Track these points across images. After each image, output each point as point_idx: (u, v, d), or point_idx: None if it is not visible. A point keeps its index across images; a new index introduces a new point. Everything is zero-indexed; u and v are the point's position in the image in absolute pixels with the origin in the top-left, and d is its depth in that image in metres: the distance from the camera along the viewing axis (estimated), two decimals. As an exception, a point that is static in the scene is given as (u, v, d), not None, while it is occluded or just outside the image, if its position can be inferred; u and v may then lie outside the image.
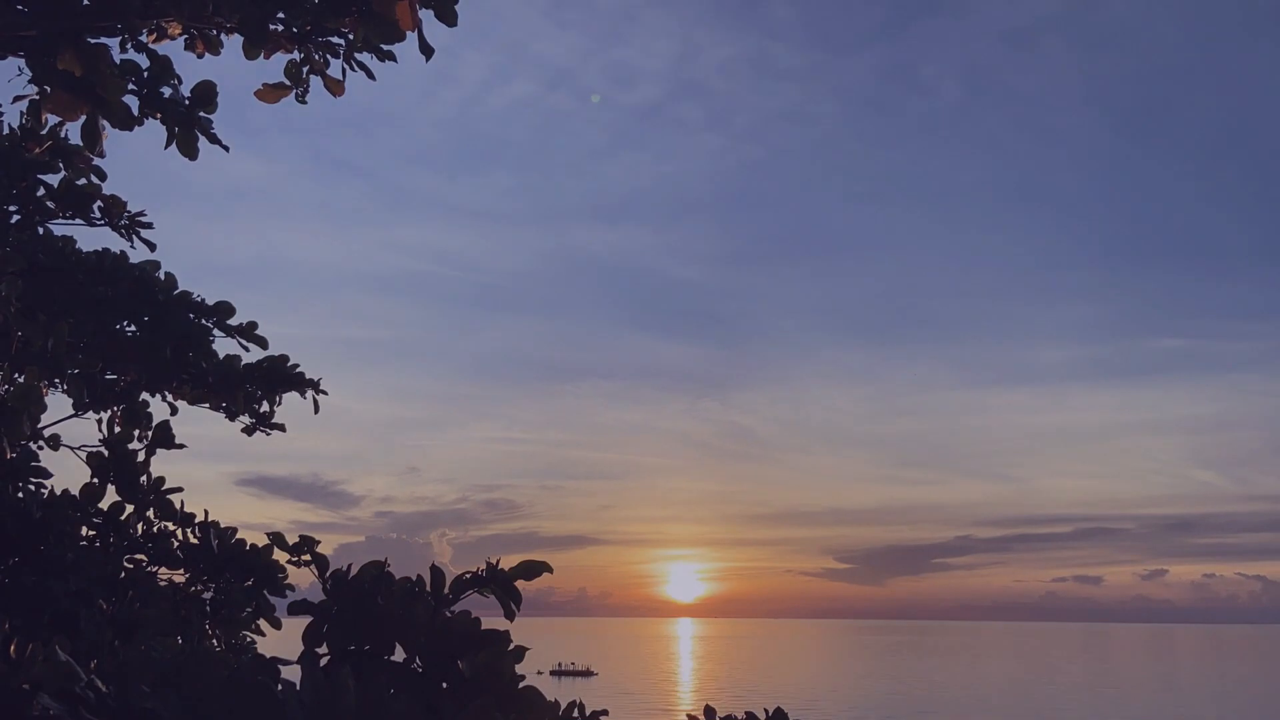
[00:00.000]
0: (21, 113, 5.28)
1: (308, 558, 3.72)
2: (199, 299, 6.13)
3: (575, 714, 3.25)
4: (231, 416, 6.22)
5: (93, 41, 3.66)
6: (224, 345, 6.17)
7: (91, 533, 5.26)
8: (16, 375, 5.68)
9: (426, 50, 3.80)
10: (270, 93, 4.04)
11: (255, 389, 6.21)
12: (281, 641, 4.42)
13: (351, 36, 3.85)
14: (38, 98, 3.79)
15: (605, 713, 3.32)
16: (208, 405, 6.20)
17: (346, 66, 3.95)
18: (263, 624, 5.55)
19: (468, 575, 3.37)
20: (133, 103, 3.87)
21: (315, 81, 4.00)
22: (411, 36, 3.76)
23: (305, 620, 3.23)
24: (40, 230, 5.72)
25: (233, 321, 6.16)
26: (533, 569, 3.37)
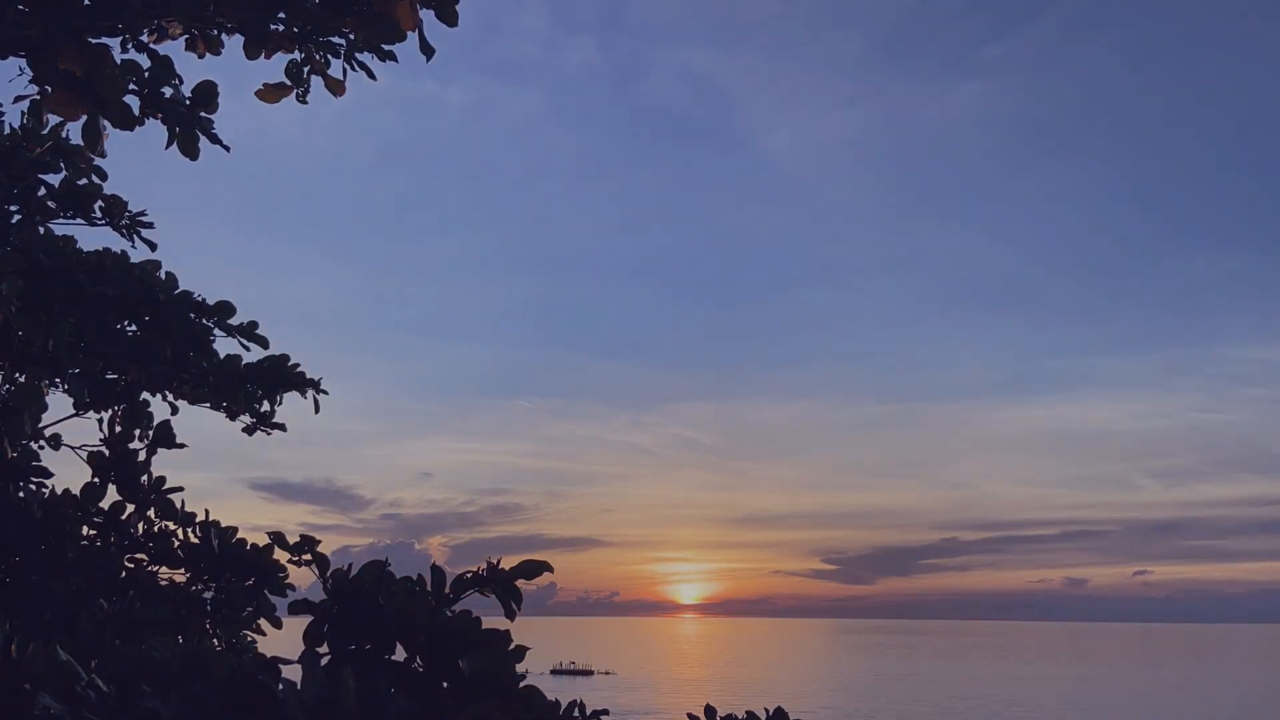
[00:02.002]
0: (23, 112, 5.29)
1: (308, 557, 3.72)
2: (200, 299, 6.12)
3: (575, 714, 3.25)
4: (232, 416, 6.22)
5: (94, 41, 3.65)
6: (225, 345, 6.17)
7: (92, 532, 5.26)
8: (17, 375, 5.68)
9: (427, 50, 3.80)
10: (271, 93, 4.04)
11: (256, 389, 6.20)
12: (282, 641, 4.42)
13: (352, 36, 3.85)
14: (39, 98, 3.79)
15: (606, 712, 3.32)
16: (208, 405, 6.19)
17: (347, 66, 3.95)
18: (263, 623, 5.55)
19: (468, 575, 3.37)
20: (133, 103, 3.86)
21: (316, 81, 4.00)
22: (412, 36, 3.76)
23: (306, 620, 3.23)
24: (41, 230, 5.72)
25: (233, 321, 6.15)
26: (533, 568, 3.37)
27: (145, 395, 5.96)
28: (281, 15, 3.74)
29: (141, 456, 5.54)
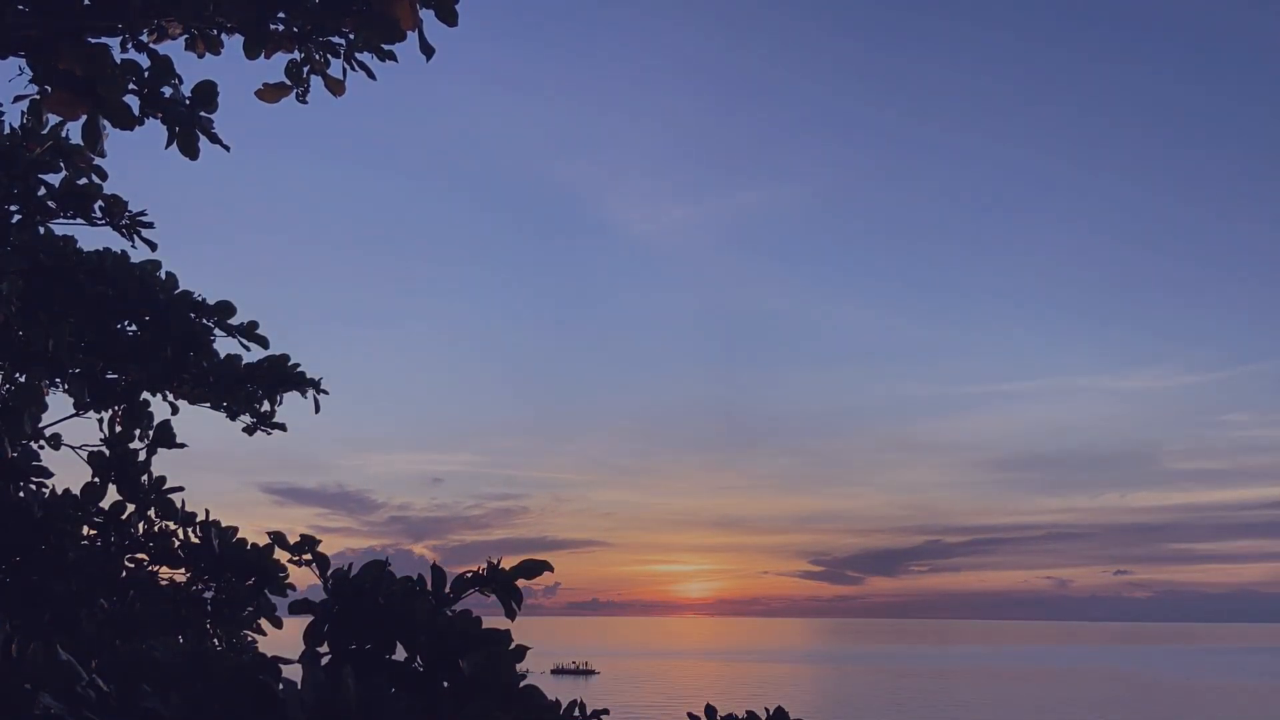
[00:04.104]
0: (22, 112, 5.28)
1: (308, 557, 3.72)
2: (200, 299, 6.12)
3: (576, 713, 3.25)
4: (232, 416, 6.22)
5: (93, 41, 3.65)
6: (225, 345, 6.17)
7: (92, 532, 5.26)
8: (18, 375, 5.68)
9: (427, 50, 3.80)
10: (271, 92, 4.04)
11: (256, 388, 6.20)
12: (282, 641, 4.42)
13: (352, 36, 3.85)
14: (39, 97, 3.79)
15: (606, 712, 3.32)
16: (208, 405, 6.19)
17: (347, 66, 3.95)
18: (264, 623, 5.54)
19: (468, 575, 3.38)
20: (133, 102, 3.86)
21: (315, 81, 4.00)
22: (412, 35, 3.76)
23: (306, 619, 3.23)
24: (41, 230, 5.72)
25: (233, 321, 6.14)
26: (533, 568, 3.37)
27: (145, 395, 5.96)
28: (281, 15, 3.74)
29: (142, 456, 5.53)
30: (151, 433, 5.77)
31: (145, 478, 5.43)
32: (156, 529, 5.39)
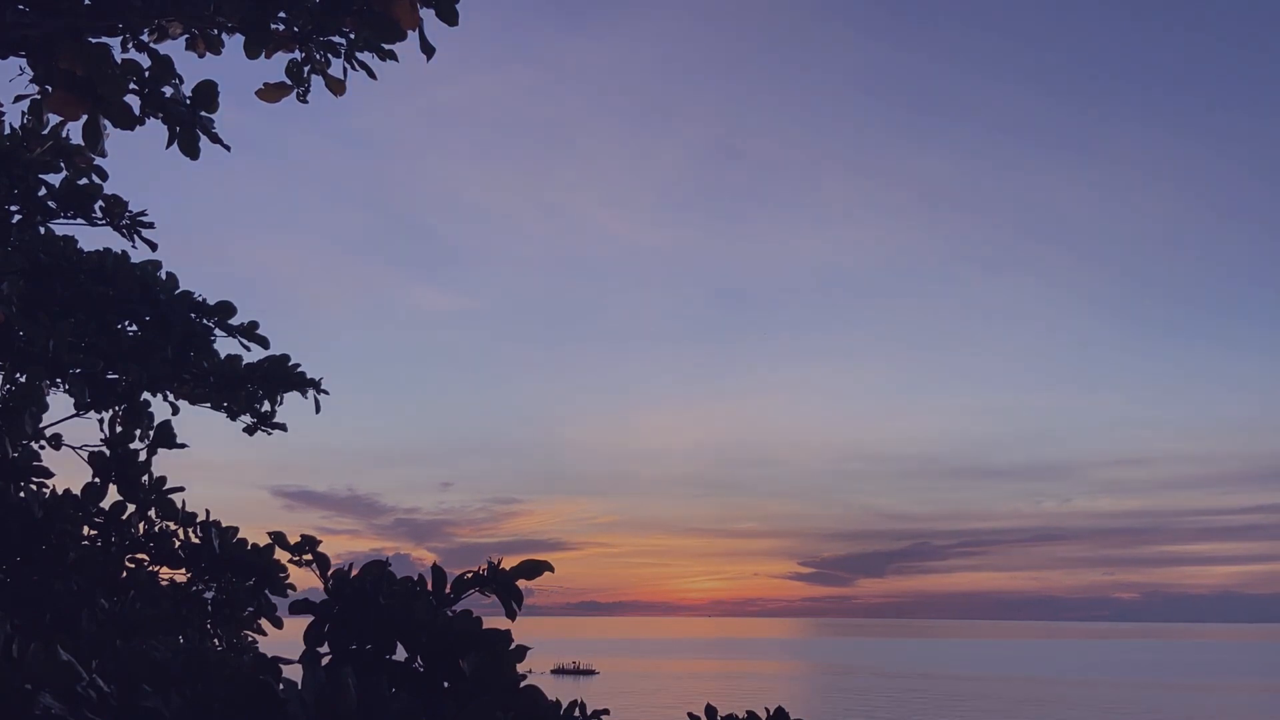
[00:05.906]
0: (23, 112, 5.28)
1: (309, 557, 3.72)
2: (200, 299, 6.12)
3: (576, 713, 3.25)
4: (233, 416, 6.21)
5: (94, 41, 3.65)
6: (225, 345, 6.17)
7: (93, 532, 5.25)
8: (18, 375, 5.68)
9: (427, 50, 3.80)
10: (271, 92, 4.04)
11: (256, 389, 6.19)
12: (283, 641, 4.42)
13: (353, 36, 3.85)
14: (39, 97, 3.79)
15: (606, 712, 3.32)
16: (209, 405, 6.19)
17: (348, 66, 3.95)
18: (264, 623, 5.54)
19: (469, 575, 3.38)
20: (134, 102, 3.86)
21: (316, 81, 4.00)
22: (413, 35, 3.76)
23: (307, 619, 3.23)
24: (42, 230, 5.72)
25: (234, 321, 6.14)
26: (533, 568, 3.37)
27: (146, 395, 5.96)
28: (282, 15, 3.74)
29: (142, 457, 5.53)
30: (152, 433, 5.77)
31: (145, 478, 5.42)
32: (157, 529, 5.38)
